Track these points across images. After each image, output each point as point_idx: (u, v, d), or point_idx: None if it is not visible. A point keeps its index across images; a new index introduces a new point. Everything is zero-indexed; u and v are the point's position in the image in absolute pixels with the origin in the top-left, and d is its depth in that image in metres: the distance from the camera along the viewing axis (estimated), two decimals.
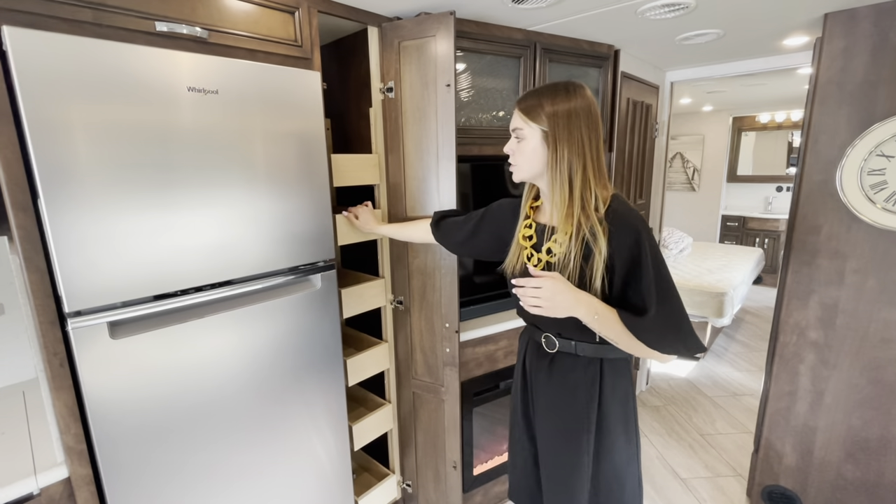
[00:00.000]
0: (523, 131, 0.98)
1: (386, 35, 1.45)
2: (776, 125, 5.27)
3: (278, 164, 1.16)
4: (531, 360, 1.14)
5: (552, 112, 0.93)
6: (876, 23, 1.44)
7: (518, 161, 1.01)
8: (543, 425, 1.12)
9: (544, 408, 1.11)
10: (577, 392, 1.04)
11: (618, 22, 1.63)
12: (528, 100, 0.98)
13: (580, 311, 0.94)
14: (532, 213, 1.10)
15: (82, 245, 0.88)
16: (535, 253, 1.04)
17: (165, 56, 0.94)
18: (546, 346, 1.09)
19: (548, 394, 1.09)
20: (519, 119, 0.98)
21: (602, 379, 1.03)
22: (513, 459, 1.26)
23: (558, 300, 0.93)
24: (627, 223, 0.92)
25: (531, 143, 0.97)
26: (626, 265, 0.92)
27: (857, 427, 1.65)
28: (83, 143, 0.86)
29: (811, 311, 1.68)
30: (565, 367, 1.06)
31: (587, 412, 1.03)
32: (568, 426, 1.06)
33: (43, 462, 1.00)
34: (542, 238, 1.04)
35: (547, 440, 1.11)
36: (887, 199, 1.47)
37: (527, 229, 1.08)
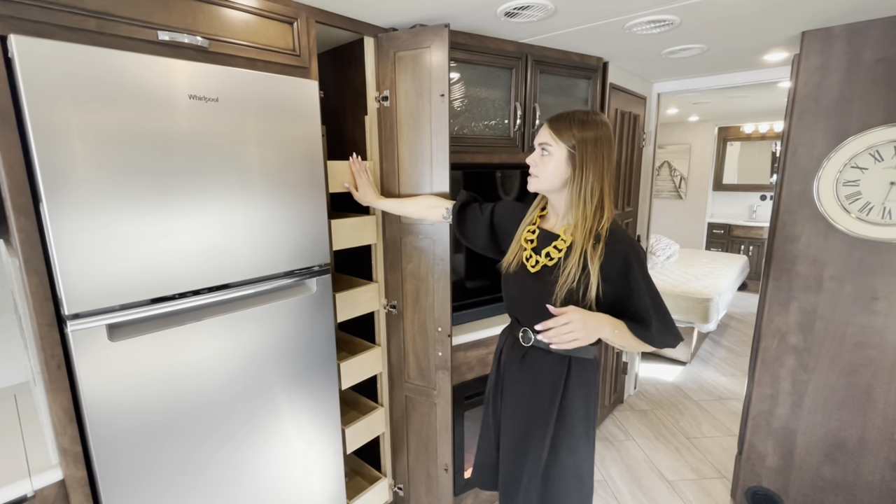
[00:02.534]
0: (552, 147, 1.06)
1: (382, 45, 1.49)
2: (760, 135, 5.42)
3: (275, 170, 1.19)
4: (507, 352, 1.22)
5: (582, 137, 1.03)
6: (850, 41, 1.51)
7: (540, 173, 1.09)
8: (507, 413, 1.20)
9: (511, 396, 1.19)
10: (543, 385, 1.12)
11: (606, 36, 1.69)
12: (560, 120, 1.06)
13: (606, 331, 1.02)
14: (538, 220, 1.19)
15: (82, 248, 0.90)
16: (535, 255, 1.12)
17: (167, 64, 0.96)
18: (522, 340, 1.17)
19: (516, 385, 1.17)
20: (548, 135, 1.06)
21: (568, 376, 1.11)
22: (480, 444, 1.35)
23: (591, 326, 1.00)
24: (623, 243, 1.04)
25: (556, 159, 1.05)
26: (620, 278, 1.04)
27: (835, 429, 1.70)
28: (85, 148, 0.88)
29: (791, 317, 1.74)
30: (536, 361, 1.14)
31: (550, 406, 1.11)
32: (530, 416, 1.14)
33: (37, 464, 1.00)
34: (544, 243, 1.13)
35: (508, 427, 1.19)
36: (861, 209, 1.54)
37: (530, 234, 1.16)
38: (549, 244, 1.10)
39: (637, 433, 2.59)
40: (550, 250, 1.09)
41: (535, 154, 1.10)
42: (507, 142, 1.81)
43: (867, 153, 1.51)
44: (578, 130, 1.03)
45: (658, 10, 1.42)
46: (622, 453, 2.41)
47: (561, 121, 1.06)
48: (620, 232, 1.06)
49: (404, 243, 1.60)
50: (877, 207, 1.51)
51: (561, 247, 1.08)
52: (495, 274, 1.41)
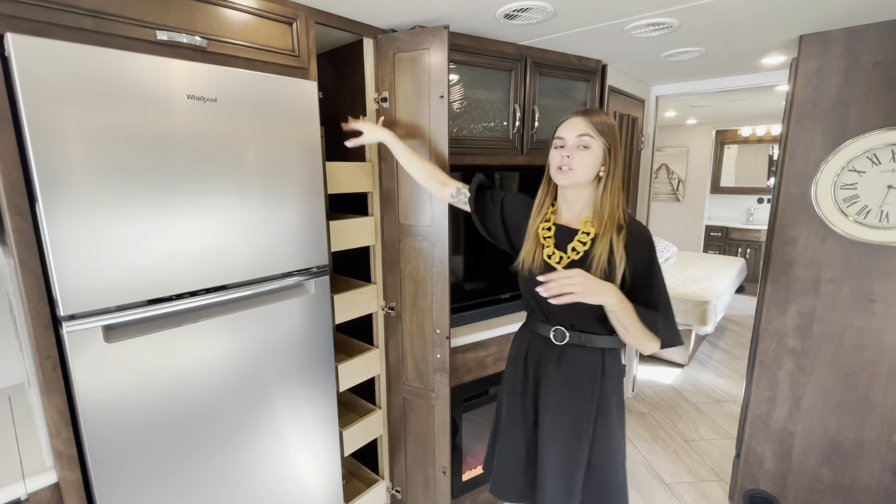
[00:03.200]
0: (593, 140, 1.07)
1: (381, 46, 1.49)
2: (757, 139, 5.44)
3: (273, 172, 1.18)
4: (537, 354, 1.21)
5: (613, 132, 1.09)
6: (847, 45, 1.52)
7: (576, 166, 1.08)
8: (550, 416, 1.19)
9: (552, 396, 1.18)
10: (583, 379, 1.16)
11: (605, 39, 1.70)
12: (595, 115, 1.09)
13: (611, 297, 1.04)
14: (552, 216, 1.19)
15: (79, 249, 0.89)
16: (558, 251, 1.14)
17: (166, 64, 0.96)
18: (555, 338, 1.17)
19: (557, 383, 1.18)
20: (589, 127, 1.08)
21: (603, 367, 1.16)
22: (502, 455, 1.28)
23: (590, 284, 1.03)
24: (644, 232, 1.11)
25: (594, 153, 1.08)
26: (640, 267, 1.09)
27: (833, 431, 1.71)
28: (82, 148, 0.87)
29: (789, 320, 1.74)
30: (574, 357, 1.16)
31: (590, 397, 1.15)
32: (574, 414, 1.16)
33: (31, 467, 0.99)
34: (564, 238, 1.15)
35: (553, 426, 1.18)
36: (859, 212, 1.54)
37: (546, 231, 1.17)
38: (570, 239, 1.13)
39: (635, 436, 2.58)
40: (575, 244, 1.12)
41: (570, 147, 1.09)
42: (506, 144, 1.81)
43: (865, 156, 1.51)
44: (609, 126, 1.08)
45: (657, 14, 1.42)
46: None
47: (595, 115, 1.09)
48: (638, 223, 1.13)
49: (403, 245, 1.60)
50: (874, 211, 1.51)
51: (585, 240, 1.11)
52: (494, 275, 1.41)
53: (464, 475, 1.91)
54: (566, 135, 1.10)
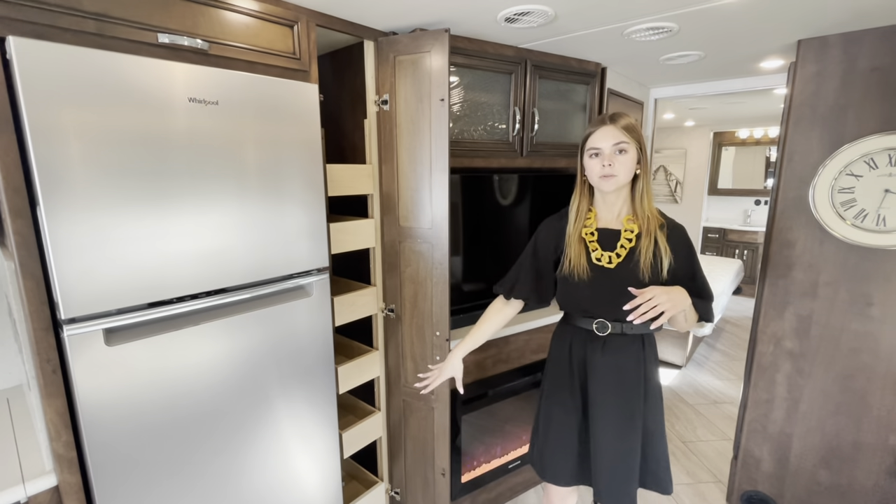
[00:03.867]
0: (628, 145, 1.15)
1: (382, 49, 1.49)
2: (754, 141, 5.46)
3: (274, 174, 1.18)
4: (582, 346, 1.27)
5: (639, 133, 1.18)
6: (845, 50, 1.53)
7: (619, 171, 1.16)
8: (601, 402, 1.24)
9: (601, 386, 1.24)
10: (628, 364, 1.23)
11: (605, 42, 1.70)
12: (623, 119, 1.17)
13: (688, 301, 1.13)
14: (594, 221, 1.25)
15: (79, 252, 0.89)
16: (607, 253, 1.20)
17: (167, 67, 0.96)
18: (598, 330, 1.24)
19: (604, 373, 1.24)
20: (623, 135, 1.15)
21: (645, 353, 1.24)
22: (555, 443, 1.33)
23: (675, 297, 1.10)
24: (680, 227, 1.22)
25: (631, 155, 1.16)
26: (686, 258, 1.20)
27: (830, 434, 1.72)
28: (84, 150, 0.87)
29: (787, 322, 1.75)
30: (617, 345, 1.23)
31: (637, 379, 1.23)
32: (626, 399, 1.23)
33: (31, 470, 0.99)
34: (608, 240, 1.22)
35: (605, 415, 1.24)
36: (856, 216, 1.55)
37: (590, 235, 1.24)
38: (616, 239, 1.20)
39: None
40: (623, 242, 1.19)
41: (608, 155, 1.15)
42: (506, 146, 1.82)
43: (862, 161, 1.52)
44: (636, 127, 1.17)
45: (657, 18, 1.43)
46: None
47: (622, 119, 1.16)
48: (671, 219, 1.23)
49: (403, 247, 1.60)
50: (871, 214, 1.53)
51: (630, 237, 1.19)
52: (493, 277, 1.42)
53: (463, 477, 1.91)
54: (602, 144, 1.16)
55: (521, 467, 2.10)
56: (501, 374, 1.91)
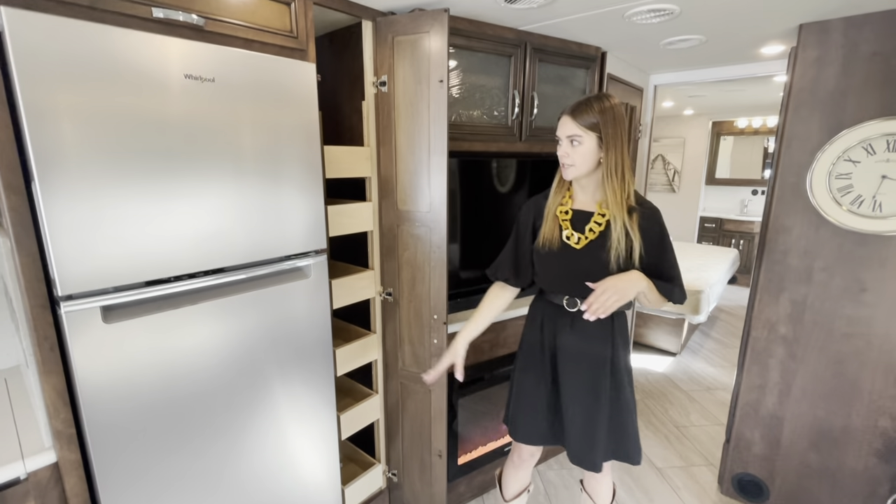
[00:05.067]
0: (581, 137, 1.16)
1: (380, 29, 1.47)
2: (753, 130, 5.45)
3: (272, 154, 1.17)
4: (551, 321, 1.32)
5: (604, 121, 1.15)
6: (846, 35, 1.52)
7: (575, 161, 1.19)
8: (570, 376, 1.30)
9: (570, 361, 1.29)
10: (595, 342, 1.27)
11: (606, 25, 1.68)
12: (582, 111, 1.16)
13: (641, 284, 1.17)
14: (569, 201, 1.28)
15: (75, 228, 0.88)
16: (576, 233, 1.24)
17: (162, 42, 0.94)
18: (568, 306, 1.28)
19: (573, 348, 1.29)
20: (575, 127, 1.16)
21: (613, 330, 1.27)
22: (524, 408, 1.39)
23: (624, 287, 1.14)
24: (654, 210, 1.23)
25: (587, 146, 1.17)
26: (655, 242, 1.21)
27: (821, 417, 1.74)
28: (79, 126, 0.86)
29: (781, 308, 1.77)
30: (585, 322, 1.24)
31: (603, 353, 1.27)
32: (592, 374, 1.28)
33: (30, 447, 0.99)
34: (580, 221, 1.25)
35: (573, 388, 1.29)
36: (852, 202, 1.56)
37: (564, 214, 1.27)
38: (587, 221, 1.23)
39: None
40: (591, 226, 1.22)
41: (565, 146, 1.19)
42: (505, 130, 1.81)
43: (860, 146, 1.52)
44: (600, 116, 1.14)
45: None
46: None
47: (583, 112, 1.16)
48: (647, 201, 1.24)
49: (401, 231, 1.59)
50: (867, 200, 1.53)
51: (601, 221, 1.21)
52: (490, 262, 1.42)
53: (459, 459, 1.94)
54: (560, 134, 1.20)
55: None
56: (498, 358, 1.93)
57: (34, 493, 0.98)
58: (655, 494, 2.06)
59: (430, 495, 1.79)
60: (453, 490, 1.92)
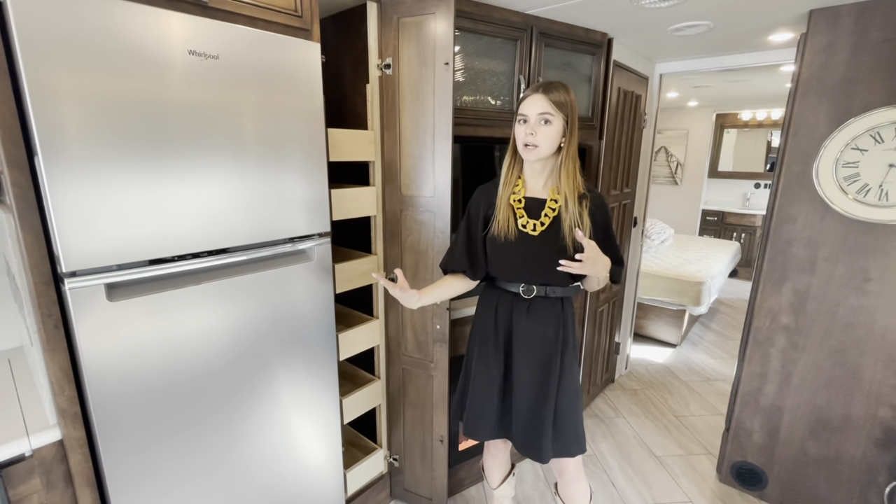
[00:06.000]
0: (553, 117, 1.15)
1: (385, 11, 1.45)
2: (757, 123, 5.42)
3: (276, 134, 1.16)
4: (507, 308, 1.31)
5: (571, 105, 1.16)
6: (857, 20, 1.50)
7: (542, 142, 1.17)
8: (522, 362, 1.30)
9: (523, 346, 1.30)
10: (549, 324, 1.28)
11: (614, 9, 1.66)
12: (554, 91, 1.15)
13: (606, 271, 1.20)
14: (522, 189, 1.27)
15: (79, 205, 0.88)
16: (531, 220, 1.24)
17: (166, 17, 0.93)
18: (524, 293, 1.28)
19: (527, 334, 1.29)
20: (549, 106, 1.15)
21: (564, 315, 1.30)
22: (475, 401, 1.37)
23: (600, 263, 1.15)
24: (601, 197, 1.27)
25: (555, 128, 1.16)
26: (604, 227, 1.26)
27: (820, 406, 1.75)
28: (83, 101, 0.85)
29: (784, 297, 1.77)
30: (540, 307, 1.28)
31: (556, 338, 1.29)
32: (544, 359, 1.29)
33: (34, 425, 1.00)
34: (534, 208, 1.24)
35: (525, 374, 1.30)
36: (859, 190, 1.55)
37: (517, 203, 1.26)
38: (541, 208, 1.24)
39: (627, 411, 2.64)
40: (546, 212, 1.23)
41: (533, 124, 1.16)
42: (510, 116, 1.79)
43: (868, 134, 1.51)
44: (568, 97, 1.16)
45: None
46: (612, 430, 2.46)
47: (555, 91, 1.15)
48: (594, 190, 1.28)
49: (404, 216, 1.59)
50: (874, 189, 1.52)
51: (555, 207, 1.22)
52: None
53: (460, 445, 1.95)
54: (528, 112, 1.17)
55: None
56: None
57: (39, 469, 0.98)
58: (654, 482, 2.07)
59: (430, 480, 1.80)
60: (454, 475, 1.94)
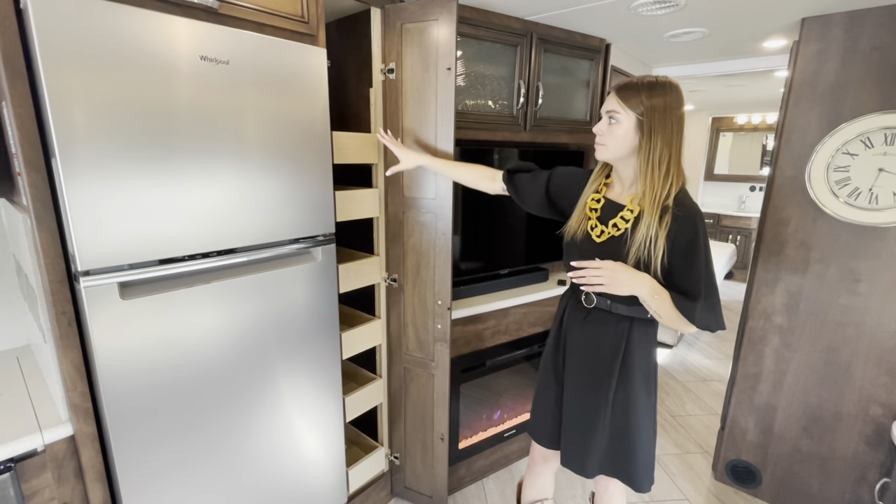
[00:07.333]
0: (619, 115, 1.06)
1: (389, 17, 1.48)
2: (752, 127, 5.48)
3: (283, 137, 1.19)
4: (570, 313, 1.26)
5: (650, 104, 1.02)
6: (848, 29, 1.54)
7: (607, 142, 1.09)
8: (571, 370, 1.24)
9: (574, 354, 1.23)
10: (605, 344, 1.18)
11: (611, 16, 1.70)
12: (627, 88, 1.05)
13: (642, 290, 1.06)
14: (604, 189, 1.19)
15: (95, 206, 0.90)
16: (600, 225, 1.14)
17: (179, 23, 0.96)
18: (585, 301, 1.21)
19: (579, 343, 1.22)
20: (616, 104, 1.06)
21: (630, 336, 1.16)
22: (538, 401, 1.37)
23: (619, 277, 1.06)
24: (691, 214, 1.05)
25: (624, 127, 1.06)
26: (684, 251, 1.05)
27: (813, 405, 1.79)
28: (100, 104, 0.88)
29: (778, 298, 1.81)
30: (598, 321, 1.19)
31: (612, 363, 1.17)
32: (594, 373, 1.19)
33: (46, 421, 1.02)
34: (609, 212, 1.14)
35: (573, 384, 1.24)
36: (850, 194, 1.59)
37: (594, 202, 1.18)
38: (615, 214, 1.12)
39: None
40: (617, 221, 1.11)
41: (603, 122, 1.10)
42: (510, 120, 1.83)
43: (858, 140, 1.55)
44: (647, 97, 1.02)
45: None
46: None
47: (629, 88, 1.05)
48: (689, 202, 1.06)
49: (406, 217, 1.62)
50: (864, 193, 1.56)
51: (628, 217, 1.10)
52: (493, 251, 1.45)
53: (460, 443, 1.98)
54: (602, 110, 1.11)
55: (516, 436, 2.16)
56: (499, 345, 1.96)
57: (51, 464, 1.01)
58: None
59: (431, 477, 1.83)
60: (454, 473, 1.96)
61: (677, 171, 1.06)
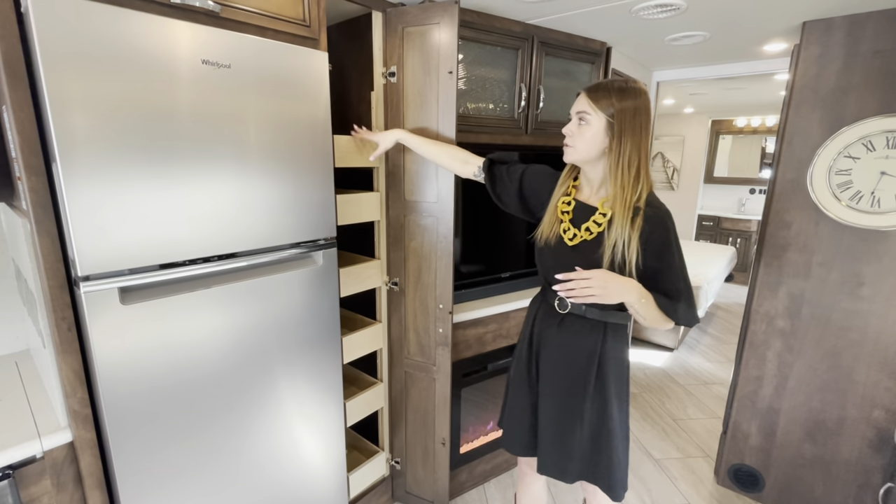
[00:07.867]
0: (590, 116, 1.05)
1: (390, 20, 1.48)
2: (752, 129, 5.49)
3: (284, 141, 1.19)
4: (541, 319, 1.24)
5: (621, 107, 1.02)
6: (849, 32, 1.54)
7: (576, 143, 1.09)
8: (547, 378, 1.22)
9: (550, 362, 1.21)
10: (580, 350, 1.17)
11: (612, 19, 1.70)
12: (598, 90, 1.06)
13: (632, 296, 1.06)
14: (573, 190, 1.18)
15: (95, 211, 0.89)
16: (573, 228, 1.13)
17: (180, 27, 0.95)
18: (559, 307, 1.18)
19: (554, 350, 1.20)
20: (586, 104, 1.06)
21: (604, 340, 1.16)
22: (510, 410, 1.34)
23: (611, 287, 1.05)
24: (661, 214, 1.06)
25: (594, 129, 1.05)
26: (658, 251, 1.06)
27: (816, 409, 1.78)
28: (101, 108, 0.87)
29: (780, 302, 1.80)
30: (573, 327, 1.17)
31: (587, 370, 1.16)
32: (570, 380, 1.18)
33: (45, 427, 1.01)
34: (581, 215, 1.13)
35: (549, 391, 1.21)
36: (852, 197, 1.59)
37: (565, 205, 1.16)
38: (587, 217, 1.11)
39: None
40: (590, 224, 1.10)
41: (572, 123, 1.09)
42: (511, 123, 1.82)
43: (860, 143, 1.55)
44: (617, 99, 1.02)
45: None
46: None
47: (600, 89, 1.05)
48: (658, 204, 1.07)
49: (408, 221, 1.61)
50: (866, 196, 1.56)
51: (601, 221, 1.09)
52: (494, 255, 1.44)
53: (461, 448, 1.97)
54: (571, 111, 1.11)
55: None
56: (501, 349, 1.95)
57: (50, 471, 1.00)
58: (653, 485, 2.09)
59: (432, 482, 1.82)
60: (455, 478, 1.95)
61: (646, 175, 1.07)
